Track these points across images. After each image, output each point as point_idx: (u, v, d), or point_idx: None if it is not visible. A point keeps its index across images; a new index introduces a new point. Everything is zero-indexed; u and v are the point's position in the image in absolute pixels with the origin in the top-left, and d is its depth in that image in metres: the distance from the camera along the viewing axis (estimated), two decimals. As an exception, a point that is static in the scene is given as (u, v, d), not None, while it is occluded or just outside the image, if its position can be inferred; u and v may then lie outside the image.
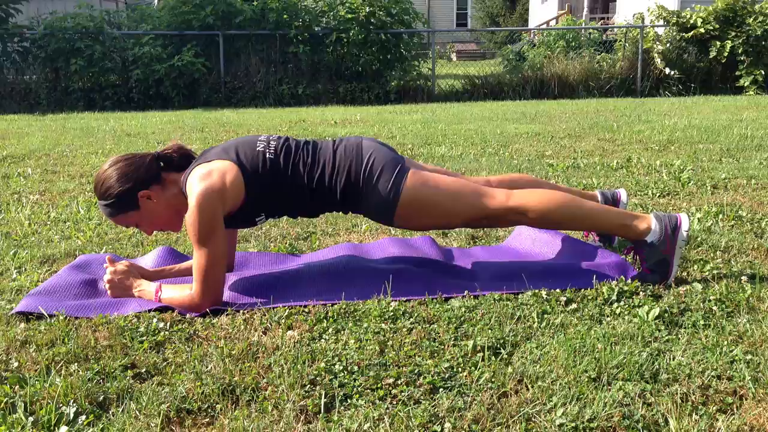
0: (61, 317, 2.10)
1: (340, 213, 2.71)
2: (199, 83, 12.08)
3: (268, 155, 2.32)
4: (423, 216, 2.34)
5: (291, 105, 11.80)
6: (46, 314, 2.13)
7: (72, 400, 1.60)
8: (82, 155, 5.84)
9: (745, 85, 12.13)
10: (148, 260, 2.71)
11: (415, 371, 1.70)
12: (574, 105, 10.24)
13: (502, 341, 1.85)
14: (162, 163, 2.38)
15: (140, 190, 2.30)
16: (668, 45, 12.79)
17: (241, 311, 2.16)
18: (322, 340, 1.91)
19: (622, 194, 2.77)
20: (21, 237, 3.14)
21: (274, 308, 2.16)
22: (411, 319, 2.01)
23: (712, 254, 2.58)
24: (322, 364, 1.73)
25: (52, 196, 4.15)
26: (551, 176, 4.37)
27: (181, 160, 2.40)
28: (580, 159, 5.08)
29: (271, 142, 2.37)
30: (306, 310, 2.15)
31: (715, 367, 1.68)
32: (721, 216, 3.15)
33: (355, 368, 1.72)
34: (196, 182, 2.23)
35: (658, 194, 3.76)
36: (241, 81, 12.27)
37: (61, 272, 2.51)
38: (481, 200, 2.32)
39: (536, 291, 2.19)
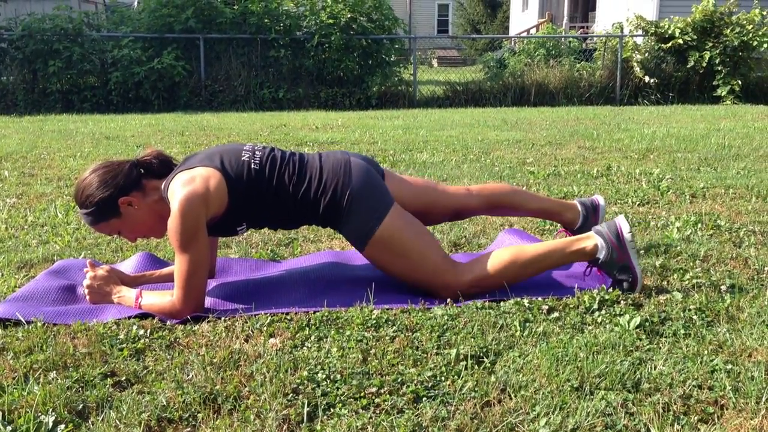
0: (39, 323, 2.07)
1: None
2: (179, 86, 12.01)
3: (253, 165, 2.30)
4: (390, 258, 2.31)
5: (272, 109, 11.76)
6: (23, 320, 2.10)
7: (51, 409, 1.58)
8: (60, 158, 5.78)
9: (723, 94, 12.27)
10: (127, 266, 2.68)
11: (398, 380, 1.69)
12: (554, 113, 10.31)
13: (484, 350, 1.85)
14: (142, 170, 2.36)
15: (121, 196, 2.28)
16: (647, 54, 12.92)
17: (223, 318, 2.14)
18: (305, 348, 1.90)
19: (599, 199, 2.78)
20: (-2, 241, 3.10)
21: (255, 315, 2.15)
22: (394, 327, 2.01)
23: (691, 263, 2.60)
24: (305, 373, 1.72)
25: (30, 200, 4.10)
26: (532, 184, 4.39)
27: (161, 166, 2.38)
28: (560, 167, 5.11)
29: (257, 152, 2.35)
30: (288, 317, 2.14)
31: (696, 376, 1.69)
32: (699, 225, 3.18)
33: (338, 377, 1.71)
34: (179, 188, 2.21)
35: (637, 203, 3.79)
36: (221, 84, 12.22)
37: (39, 277, 2.48)
38: (446, 272, 2.29)
39: (518, 300, 2.19)
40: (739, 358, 1.80)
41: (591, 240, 2.31)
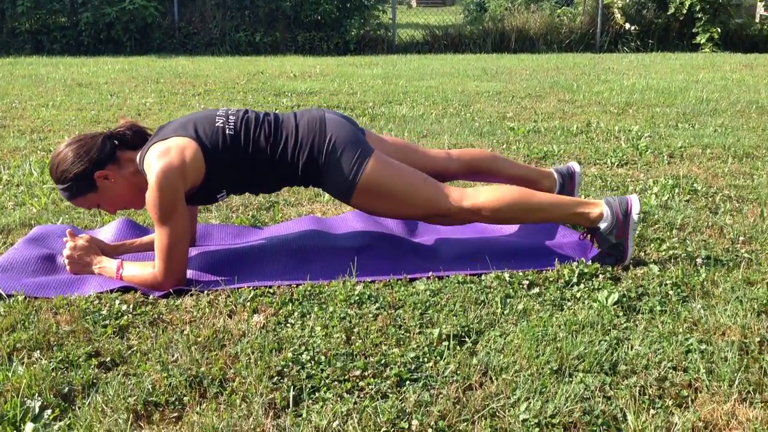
0: (20, 298, 2.06)
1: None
2: (152, 28, 11.76)
3: (227, 131, 2.28)
4: (378, 202, 2.33)
5: (248, 53, 11.57)
6: (4, 295, 2.09)
7: (36, 393, 1.58)
8: (32, 107, 5.67)
9: (702, 42, 12.25)
10: (107, 232, 2.67)
11: (382, 362, 1.72)
12: (534, 61, 10.24)
13: (466, 329, 1.88)
14: (116, 142, 2.33)
15: (96, 170, 2.25)
16: (628, 0, 12.82)
17: (206, 292, 2.15)
18: (288, 326, 1.92)
19: (575, 166, 2.79)
20: (-27, 203, 3.06)
21: (238, 289, 2.15)
22: (377, 304, 2.03)
23: (668, 233, 2.64)
24: (289, 354, 1.74)
25: (3, 155, 4.03)
26: (512, 141, 4.40)
27: (136, 137, 2.35)
28: (540, 122, 5.11)
29: (230, 117, 2.32)
30: (271, 290, 2.15)
31: (671, 357, 1.73)
32: (677, 189, 3.21)
33: (322, 358, 1.73)
34: (155, 160, 2.19)
35: (616, 163, 3.81)
36: (196, 26, 11.97)
37: (18, 245, 2.46)
38: (438, 196, 2.33)
39: (499, 273, 2.22)
40: (712, 337, 1.84)
41: (598, 208, 2.33)
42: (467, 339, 1.84)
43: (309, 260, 2.39)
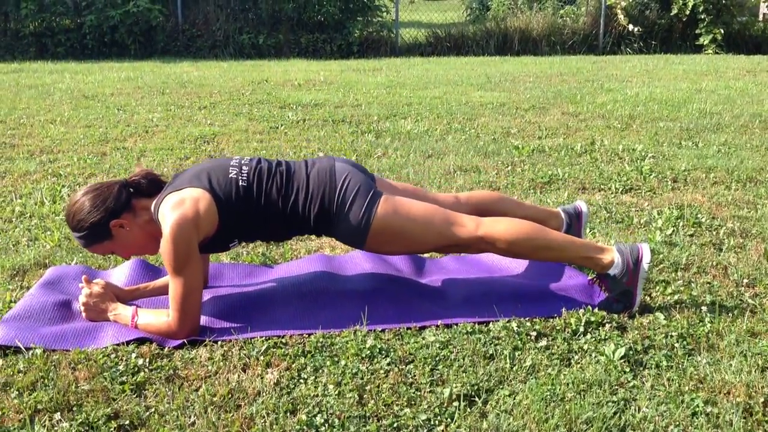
0: (38, 350, 2.11)
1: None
2: (156, 31, 11.77)
3: (240, 183, 2.32)
4: (393, 243, 2.38)
5: (252, 56, 11.58)
6: (23, 347, 2.13)
7: (59, 462, 1.63)
8: (39, 123, 5.70)
9: (705, 43, 12.26)
10: (120, 273, 2.71)
11: (394, 425, 1.76)
12: (537, 65, 10.26)
13: (476, 387, 1.92)
14: (131, 190, 2.37)
15: (112, 219, 2.29)
16: (631, 0, 12.81)
17: (219, 343, 2.19)
18: (302, 382, 1.96)
19: (582, 206, 2.82)
20: (-14, 238, 3.11)
21: (251, 340, 2.20)
22: (387, 359, 2.07)
23: (673, 274, 2.67)
24: (303, 416, 1.79)
25: (14, 180, 4.07)
26: (517, 163, 4.43)
27: (150, 186, 2.39)
28: (544, 139, 5.14)
29: (243, 168, 2.36)
30: (283, 340, 2.20)
31: (677, 421, 1.77)
32: (681, 222, 3.25)
33: (336, 421, 1.77)
34: (169, 211, 2.23)
35: (621, 189, 3.84)
36: (199, 29, 11.98)
37: (34, 291, 2.50)
38: (451, 229, 2.37)
39: (506, 323, 2.26)
40: (718, 396, 1.89)
41: (609, 254, 2.37)
42: (477, 399, 1.88)
43: (320, 305, 2.43)
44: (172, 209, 2.23)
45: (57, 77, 8.60)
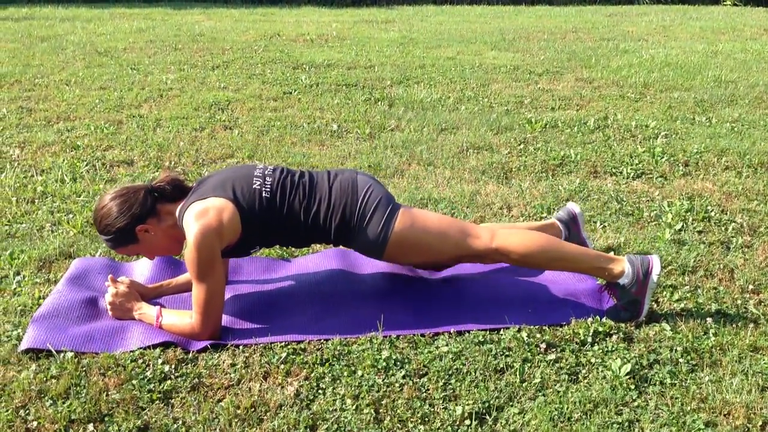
0: (69, 354, 2.21)
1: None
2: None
3: (264, 194, 2.38)
4: (410, 255, 2.45)
5: (263, 2, 11.45)
6: (54, 351, 2.23)
7: (95, 478, 1.74)
8: (54, 84, 5.73)
9: (723, -4, 12.06)
10: (143, 267, 2.80)
11: (409, 444, 1.87)
12: (551, 18, 10.13)
13: (487, 405, 2.01)
14: (156, 194, 2.43)
15: (138, 225, 2.36)
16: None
17: (241, 347, 2.29)
18: (320, 395, 2.06)
19: (575, 208, 2.86)
20: (12, 221, 3.19)
21: (271, 345, 2.29)
22: (402, 371, 2.16)
23: (680, 278, 2.74)
24: (324, 433, 1.89)
25: (33, 152, 4.14)
26: (529, 140, 4.46)
27: (175, 191, 2.45)
28: (558, 111, 5.15)
29: (267, 178, 2.42)
30: (302, 347, 2.29)
31: (678, 445, 1.87)
32: (690, 215, 3.30)
33: (354, 439, 1.88)
34: (193, 220, 2.30)
35: (632, 175, 3.88)
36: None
37: (61, 288, 2.59)
38: (467, 240, 2.43)
39: (517, 331, 2.34)
40: (718, 417, 1.98)
41: (621, 264, 2.44)
42: (488, 417, 1.98)
43: (337, 308, 2.51)
44: (197, 218, 2.30)
45: (68, 27, 8.56)
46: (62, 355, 2.22)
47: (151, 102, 5.28)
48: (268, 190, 2.39)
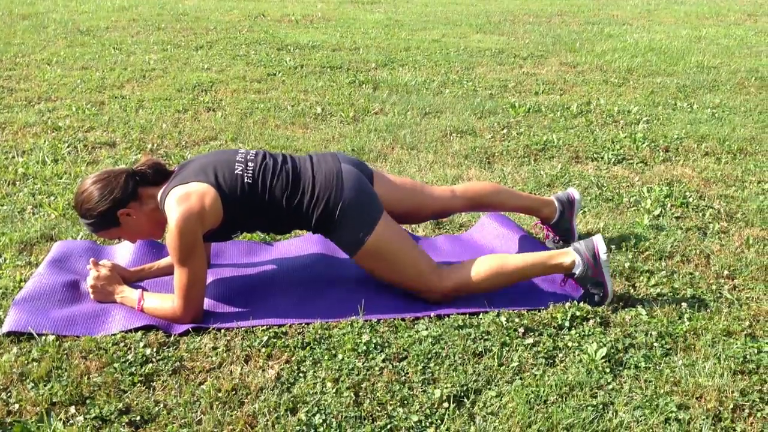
0: (50, 337, 2.21)
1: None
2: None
3: (246, 179, 2.38)
4: (377, 264, 2.47)
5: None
6: (35, 334, 2.24)
7: (77, 460, 1.76)
8: (35, 64, 5.68)
9: (708, -20, 12.07)
10: (125, 251, 2.80)
11: (388, 426, 1.89)
12: (537, 2, 10.12)
13: (465, 388, 2.04)
14: (138, 178, 2.43)
15: (119, 209, 2.37)
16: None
17: (223, 331, 2.30)
18: (301, 378, 2.09)
19: (575, 194, 2.91)
20: (-8, 203, 3.19)
21: (253, 328, 2.31)
22: (382, 354, 2.19)
23: (657, 263, 2.78)
24: (303, 416, 1.92)
25: (14, 133, 4.11)
26: (513, 125, 4.48)
27: (156, 175, 2.45)
28: (541, 95, 5.17)
29: (249, 164, 2.42)
30: (284, 330, 2.31)
31: (651, 428, 1.91)
32: (669, 200, 3.34)
33: (333, 422, 1.90)
34: (175, 205, 2.30)
35: (613, 160, 3.92)
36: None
37: (42, 270, 2.59)
38: (428, 276, 2.47)
39: (496, 316, 2.37)
40: (690, 401, 2.02)
41: (569, 256, 2.48)
42: (466, 400, 2.01)
43: (318, 292, 2.54)
44: (178, 203, 2.30)
45: (50, 4, 8.48)
46: (44, 338, 2.23)
47: (133, 83, 5.25)
48: (250, 175, 2.40)
